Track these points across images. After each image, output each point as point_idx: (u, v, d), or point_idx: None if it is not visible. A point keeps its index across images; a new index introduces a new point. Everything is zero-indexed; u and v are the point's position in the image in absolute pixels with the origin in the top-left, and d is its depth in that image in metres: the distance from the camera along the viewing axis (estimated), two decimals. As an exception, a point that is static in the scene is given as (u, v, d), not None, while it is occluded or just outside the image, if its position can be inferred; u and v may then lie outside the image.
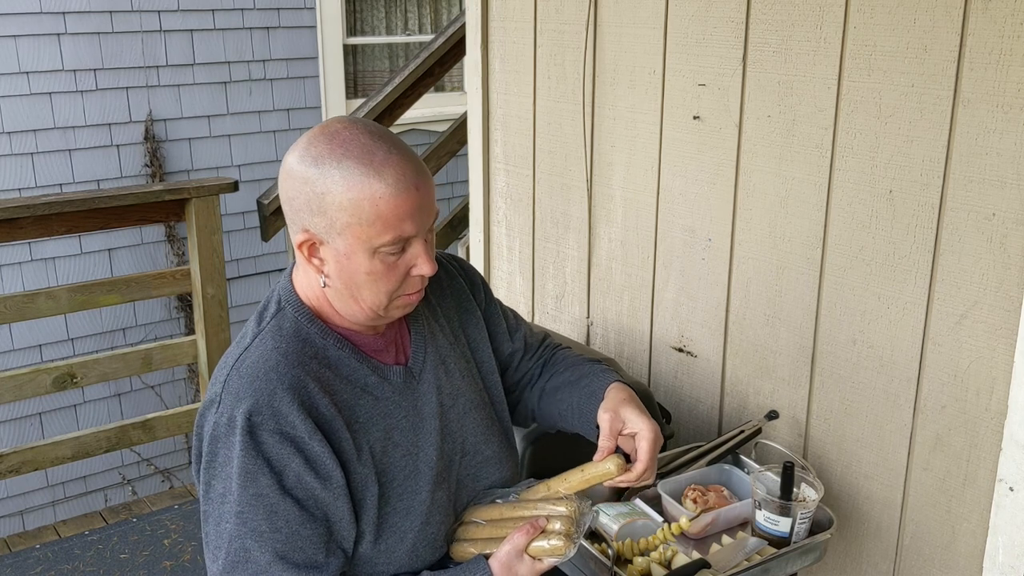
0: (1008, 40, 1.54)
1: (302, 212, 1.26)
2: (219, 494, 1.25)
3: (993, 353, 1.65)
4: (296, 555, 1.24)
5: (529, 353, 1.65)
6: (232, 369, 1.27)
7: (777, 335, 2.02)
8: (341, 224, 1.24)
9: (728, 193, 2.06)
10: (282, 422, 1.23)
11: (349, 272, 1.27)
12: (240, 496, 1.22)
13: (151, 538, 3.04)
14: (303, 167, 1.24)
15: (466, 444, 1.47)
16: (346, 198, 1.22)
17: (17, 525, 4.59)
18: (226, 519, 1.24)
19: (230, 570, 1.24)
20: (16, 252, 4.48)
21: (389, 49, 5.78)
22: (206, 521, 1.27)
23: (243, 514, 1.23)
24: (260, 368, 1.26)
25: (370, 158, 1.23)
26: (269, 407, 1.23)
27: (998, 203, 1.60)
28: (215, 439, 1.25)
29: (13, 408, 4.52)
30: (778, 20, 1.89)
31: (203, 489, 1.27)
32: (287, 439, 1.23)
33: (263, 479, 1.22)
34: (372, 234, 1.24)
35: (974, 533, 1.73)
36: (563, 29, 2.41)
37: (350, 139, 1.24)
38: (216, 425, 1.25)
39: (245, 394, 1.24)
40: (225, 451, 1.24)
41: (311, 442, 1.24)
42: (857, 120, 1.78)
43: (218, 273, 3.35)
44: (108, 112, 4.67)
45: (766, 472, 1.79)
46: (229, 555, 1.23)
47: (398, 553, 1.35)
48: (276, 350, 1.28)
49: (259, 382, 1.24)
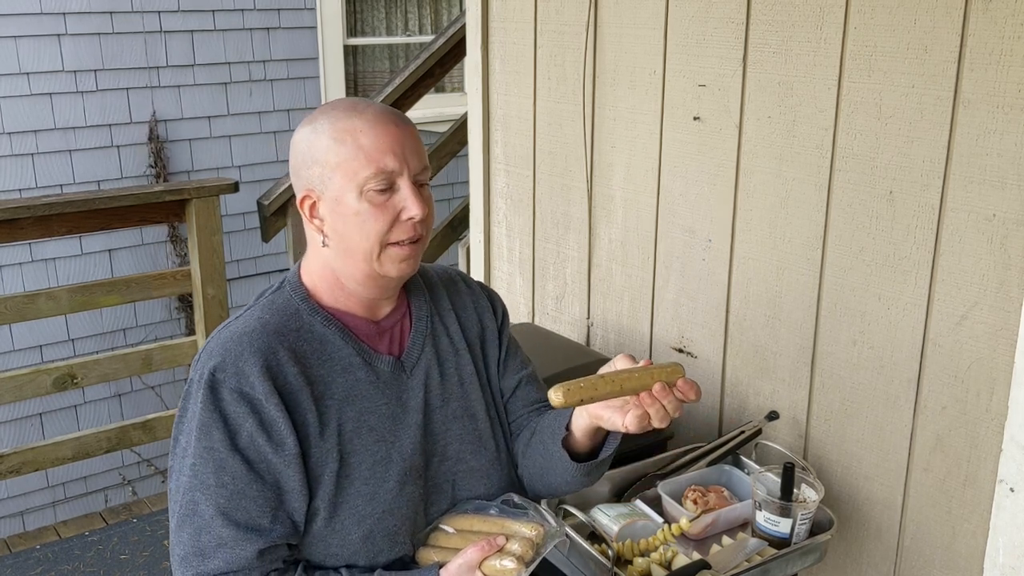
0: (1008, 41, 1.54)
1: (301, 171, 1.35)
2: (182, 448, 1.30)
3: (993, 354, 1.65)
4: (238, 514, 1.26)
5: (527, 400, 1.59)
6: (214, 336, 1.34)
7: (777, 336, 2.01)
8: (331, 166, 1.31)
9: (728, 194, 2.06)
10: (243, 381, 1.27)
11: (342, 218, 1.32)
12: (196, 448, 1.27)
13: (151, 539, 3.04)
14: (300, 131, 1.36)
15: (448, 449, 1.45)
16: (332, 138, 1.31)
17: (17, 526, 4.59)
18: (183, 472, 1.29)
19: (181, 523, 1.28)
20: (16, 253, 4.48)
21: (389, 50, 5.78)
22: (170, 476, 1.32)
23: (196, 466, 1.27)
24: (237, 332, 1.32)
25: (353, 104, 1.36)
26: (234, 366, 1.28)
27: (998, 204, 1.60)
28: (187, 395, 1.31)
29: (13, 408, 4.52)
30: (778, 21, 1.89)
31: (172, 444, 1.33)
32: (244, 399, 1.27)
33: (216, 433, 1.26)
34: (356, 168, 1.30)
35: (974, 534, 1.72)
36: (563, 30, 2.41)
37: (337, 101, 1.38)
38: (190, 382, 1.32)
39: (216, 353, 1.30)
40: (192, 406, 1.30)
41: (267, 406, 1.27)
42: (857, 121, 1.78)
43: (218, 274, 3.35)
44: (108, 113, 4.67)
45: (766, 473, 1.79)
46: (181, 507, 1.28)
47: (353, 537, 1.34)
48: (258, 320, 1.34)
49: (231, 343, 1.30)
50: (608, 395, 1.28)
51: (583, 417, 1.38)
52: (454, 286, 1.58)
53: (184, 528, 1.27)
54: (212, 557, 1.26)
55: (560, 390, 1.25)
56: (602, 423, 1.36)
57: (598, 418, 1.35)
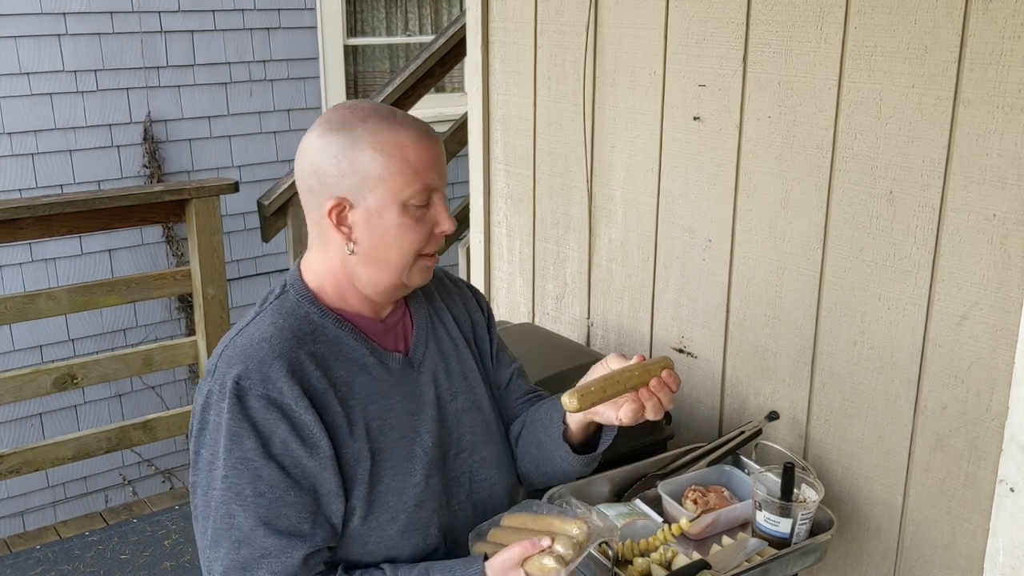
0: (1009, 41, 1.54)
1: (331, 179, 1.30)
2: (207, 462, 1.26)
3: (994, 354, 1.65)
4: (280, 522, 1.25)
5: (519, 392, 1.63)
6: (229, 342, 1.31)
7: (777, 336, 2.02)
8: (373, 178, 1.29)
9: (728, 194, 2.06)
10: (270, 387, 1.25)
11: (380, 231, 1.31)
12: (226, 460, 1.24)
13: (152, 539, 3.04)
14: (329, 136, 1.30)
15: (462, 441, 1.48)
16: (376, 150, 1.28)
17: (18, 526, 4.59)
18: (213, 486, 1.25)
19: (216, 539, 1.24)
20: (16, 253, 4.48)
21: (389, 50, 5.78)
22: (194, 492, 1.28)
23: (228, 478, 1.24)
24: (255, 339, 1.30)
25: (391, 113, 1.32)
26: (259, 372, 1.26)
27: (998, 204, 1.60)
28: (206, 407, 1.27)
29: (13, 409, 4.52)
30: (778, 21, 1.89)
31: (192, 459, 1.29)
32: (274, 405, 1.25)
33: (248, 442, 1.24)
34: (402, 184, 1.29)
35: (975, 534, 1.72)
36: (563, 30, 2.41)
37: (367, 106, 1.33)
38: (208, 393, 1.28)
39: (236, 361, 1.27)
40: (215, 417, 1.26)
41: (298, 409, 1.26)
42: (857, 121, 1.78)
43: (218, 274, 3.35)
44: (109, 113, 4.67)
45: (766, 473, 1.79)
46: (215, 522, 1.24)
47: (389, 533, 1.35)
48: (273, 325, 1.32)
49: (252, 350, 1.28)
50: (616, 395, 1.33)
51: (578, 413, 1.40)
52: (441, 283, 1.60)
53: (221, 543, 1.24)
54: (256, 569, 1.24)
55: (575, 396, 1.29)
56: (597, 418, 1.41)
57: (593, 414, 1.40)
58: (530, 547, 1.30)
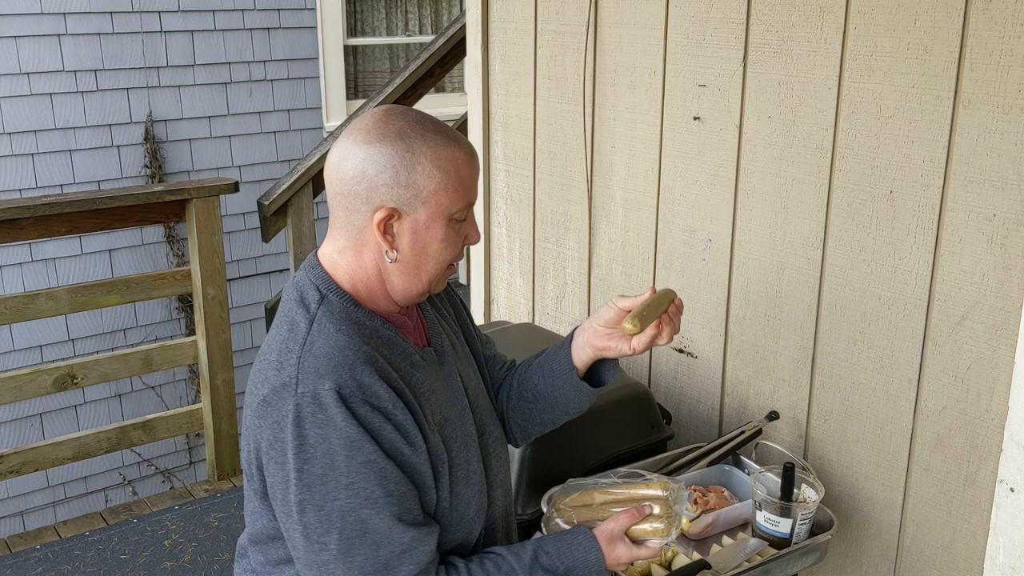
0: (1008, 40, 1.54)
1: (383, 188, 1.30)
2: (318, 475, 1.23)
3: (994, 354, 1.65)
4: (411, 516, 1.26)
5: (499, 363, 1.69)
6: (302, 353, 1.28)
7: (778, 336, 2.01)
8: (427, 192, 1.30)
9: (728, 194, 2.06)
10: (368, 394, 1.25)
11: (424, 242, 1.33)
12: (348, 467, 1.22)
13: (152, 539, 3.04)
14: (382, 145, 1.29)
15: (484, 423, 1.52)
16: (435, 166, 1.30)
17: (17, 526, 4.59)
18: (332, 497, 1.22)
19: (347, 548, 1.23)
20: (17, 253, 4.48)
21: (389, 50, 5.78)
22: (302, 511, 1.23)
23: (354, 485, 1.22)
24: (332, 347, 1.28)
25: (444, 129, 1.34)
26: (353, 381, 1.25)
27: (999, 204, 1.60)
28: (299, 420, 1.23)
29: (13, 409, 4.52)
30: (778, 21, 1.89)
31: (295, 476, 1.23)
32: (376, 410, 1.25)
33: (368, 446, 1.23)
34: (453, 199, 1.32)
35: (975, 534, 1.72)
36: (563, 30, 2.41)
37: (419, 116, 1.33)
38: (298, 407, 1.24)
39: (325, 371, 1.25)
40: (317, 430, 1.23)
41: (395, 412, 1.27)
42: (857, 121, 1.78)
43: (219, 274, 3.35)
44: (109, 113, 4.67)
45: (767, 473, 1.79)
46: (344, 532, 1.22)
47: (467, 518, 1.39)
48: (340, 332, 1.30)
49: (336, 359, 1.26)
50: (654, 317, 1.44)
51: (586, 353, 1.50)
52: None
53: (356, 550, 1.23)
54: (399, 566, 1.24)
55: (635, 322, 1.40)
56: (609, 353, 1.49)
57: (605, 350, 1.49)
58: (636, 514, 1.39)
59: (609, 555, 1.36)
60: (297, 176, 3.65)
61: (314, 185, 3.72)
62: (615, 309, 1.46)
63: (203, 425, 3.53)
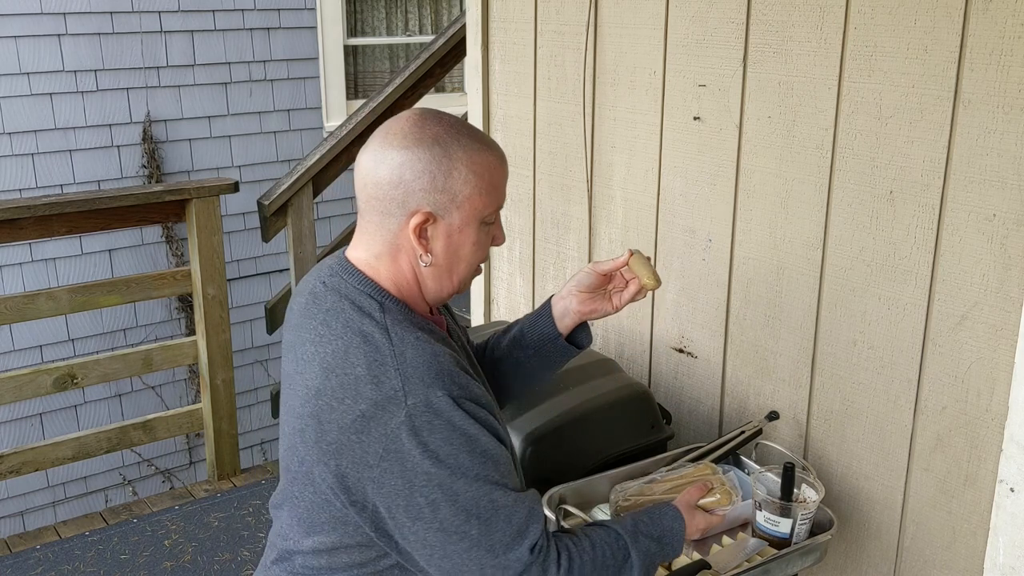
0: (1009, 40, 1.54)
1: (420, 193, 1.31)
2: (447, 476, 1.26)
3: (994, 354, 1.65)
4: (520, 485, 1.35)
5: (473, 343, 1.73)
6: (399, 365, 1.29)
7: (778, 336, 2.02)
8: (463, 197, 1.33)
9: (728, 194, 2.06)
10: (469, 392, 1.30)
11: (456, 246, 1.36)
12: (472, 461, 1.27)
13: (152, 539, 3.04)
14: (422, 149, 1.31)
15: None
16: (471, 170, 1.32)
17: (17, 526, 4.59)
18: (463, 491, 1.26)
19: (487, 529, 1.27)
20: (17, 253, 4.48)
21: (389, 50, 5.78)
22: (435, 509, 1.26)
23: (480, 475, 1.27)
24: (425, 355, 1.30)
25: (477, 134, 1.37)
26: (458, 385, 1.29)
27: (999, 204, 1.60)
28: (416, 430, 1.25)
29: (13, 409, 4.52)
30: (778, 21, 1.89)
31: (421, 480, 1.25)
32: (479, 404, 1.31)
33: (483, 437, 1.28)
34: (486, 203, 1.35)
35: (975, 534, 1.72)
36: (563, 30, 2.41)
37: (454, 121, 1.36)
38: (411, 416, 1.25)
39: (430, 380, 1.27)
40: (437, 435, 1.26)
41: (487, 401, 1.33)
42: (857, 121, 1.78)
43: (219, 274, 3.35)
44: (109, 113, 4.67)
45: (767, 473, 1.79)
46: (481, 517, 1.27)
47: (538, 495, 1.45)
48: (418, 339, 1.32)
49: (435, 366, 1.29)
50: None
51: (570, 319, 1.61)
52: None
53: (495, 528, 1.28)
54: (528, 527, 1.30)
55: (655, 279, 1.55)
56: (595, 315, 1.61)
57: (591, 312, 1.60)
58: (703, 488, 1.58)
59: (690, 523, 1.50)
60: (297, 176, 3.65)
61: (314, 185, 3.72)
62: (595, 275, 1.58)
63: (203, 425, 3.53)
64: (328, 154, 3.69)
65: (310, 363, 1.34)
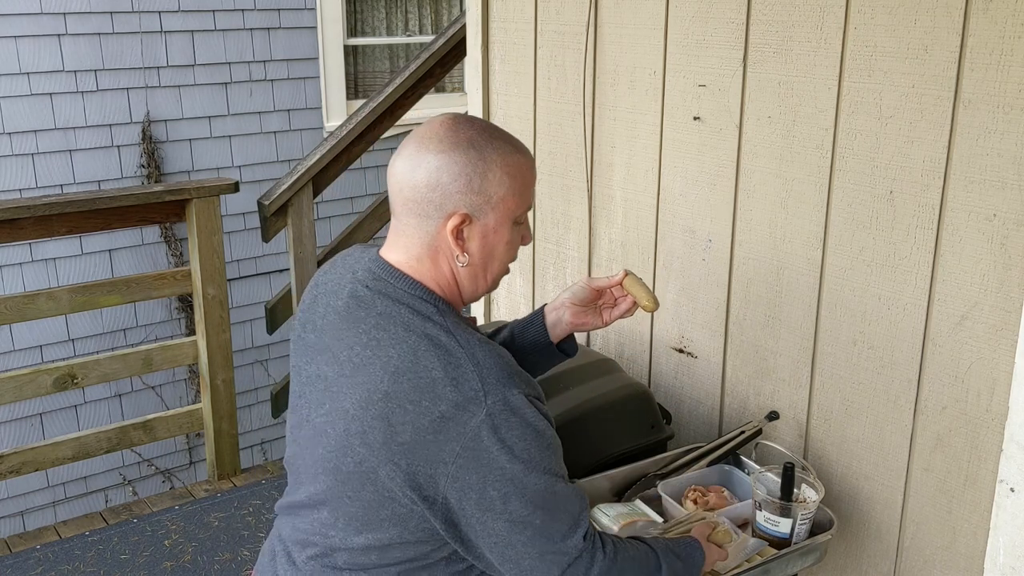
0: (1009, 41, 1.54)
1: (457, 195, 1.36)
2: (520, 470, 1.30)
3: (994, 354, 1.65)
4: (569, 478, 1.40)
5: None
6: (475, 367, 1.32)
7: (778, 336, 2.02)
8: (497, 198, 1.38)
9: (728, 194, 2.06)
10: (535, 389, 1.37)
11: (491, 246, 1.42)
12: (542, 455, 1.32)
13: (152, 539, 3.04)
14: (460, 153, 1.36)
15: None
16: (505, 172, 1.38)
17: (17, 526, 4.59)
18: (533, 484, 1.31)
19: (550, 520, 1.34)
20: (17, 253, 4.48)
21: (390, 50, 5.78)
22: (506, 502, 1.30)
23: (548, 467, 1.33)
24: (493, 356, 1.35)
25: (508, 137, 1.41)
26: (525, 381, 1.35)
27: (999, 204, 1.60)
28: (496, 428, 1.29)
29: (13, 409, 4.52)
30: (778, 21, 1.89)
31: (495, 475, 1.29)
32: (543, 400, 1.38)
33: (549, 431, 1.35)
34: (519, 203, 1.41)
35: (975, 534, 1.72)
36: (563, 30, 2.41)
37: (487, 125, 1.41)
38: (491, 415, 1.29)
39: (505, 379, 1.32)
40: (514, 432, 1.30)
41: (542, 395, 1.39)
42: (857, 121, 1.78)
43: (219, 274, 3.35)
44: (109, 113, 4.67)
45: (767, 473, 1.79)
46: (545, 508, 1.33)
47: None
48: (481, 340, 1.37)
49: (505, 367, 1.34)
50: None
51: (561, 329, 1.66)
52: None
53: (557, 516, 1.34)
54: (581, 514, 1.38)
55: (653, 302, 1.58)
56: (584, 328, 1.66)
57: (581, 326, 1.65)
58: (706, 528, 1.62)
59: (708, 555, 1.54)
60: (297, 176, 3.65)
61: (314, 185, 3.72)
62: (588, 290, 1.64)
63: (203, 425, 3.53)
64: (328, 154, 3.69)
65: (367, 367, 1.35)
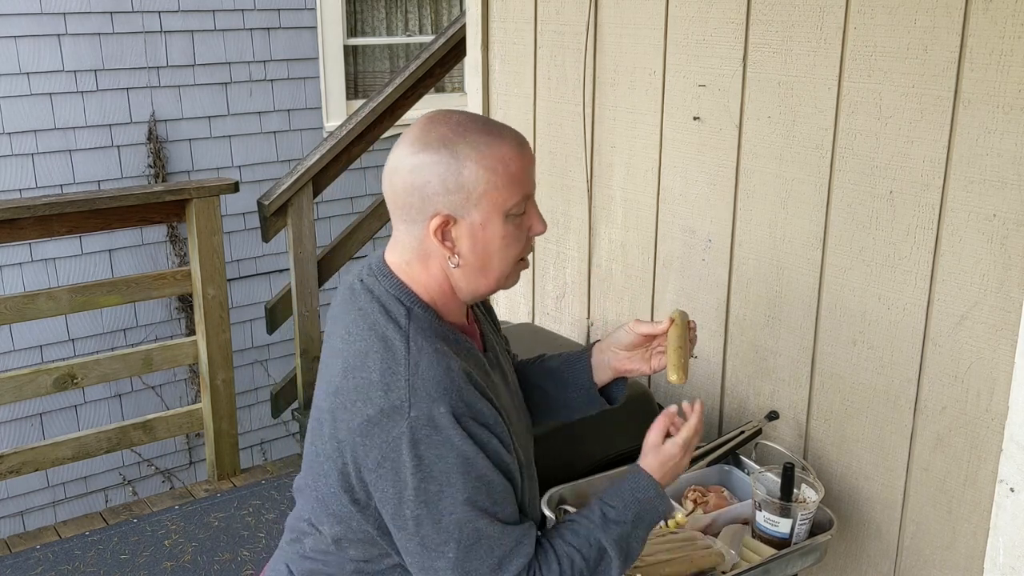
0: (1009, 40, 1.54)
1: (435, 196, 1.31)
2: (435, 493, 1.27)
3: (994, 354, 1.65)
4: (514, 517, 1.33)
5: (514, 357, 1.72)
6: (410, 376, 1.29)
7: (777, 336, 2.01)
8: (478, 194, 1.31)
9: (728, 194, 2.06)
10: (475, 412, 1.29)
11: (484, 243, 1.34)
12: (464, 483, 1.27)
13: (152, 539, 3.04)
14: (430, 153, 1.31)
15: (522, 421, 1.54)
16: (481, 165, 1.30)
17: (17, 526, 4.59)
18: (449, 512, 1.27)
19: (465, 555, 1.28)
20: (17, 253, 4.48)
21: (389, 50, 5.78)
22: (419, 524, 1.27)
23: (471, 499, 1.27)
24: (437, 368, 1.29)
25: (487, 127, 1.33)
26: (462, 401, 1.28)
27: (999, 204, 1.60)
28: (415, 443, 1.26)
29: (13, 409, 4.52)
30: (778, 21, 1.89)
31: (411, 494, 1.27)
32: (483, 425, 1.30)
33: (480, 461, 1.28)
34: (506, 196, 1.32)
35: (975, 534, 1.72)
36: (563, 30, 2.41)
37: (462, 118, 1.34)
38: (413, 429, 1.26)
39: (436, 395, 1.27)
40: (433, 451, 1.26)
41: (496, 424, 1.32)
42: (857, 121, 1.78)
43: (219, 274, 3.35)
44: (109, 113, 4.67)
45: (766, 473, 1.79)
46: (461, 542, 1.27)
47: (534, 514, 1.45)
48: (437, 351, 1.32)
49: (444, 382, 1.28)
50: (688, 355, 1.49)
51: (606, 374, 1.58)
52: None
53: (473, 555, 1.28)
54: (510, 562, 1.30)
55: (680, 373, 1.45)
56: (630, 374, 1.58)
57: (627, 372, 1.57)
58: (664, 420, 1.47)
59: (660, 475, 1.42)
60: (297, 176, 3.65)
61: (314, 185, 3.72)
62: (633, 335, 1.53)
63: (203, 425, 3.53)
64: (328, 154, 3.69)
65: (335, 359, 1.36)
